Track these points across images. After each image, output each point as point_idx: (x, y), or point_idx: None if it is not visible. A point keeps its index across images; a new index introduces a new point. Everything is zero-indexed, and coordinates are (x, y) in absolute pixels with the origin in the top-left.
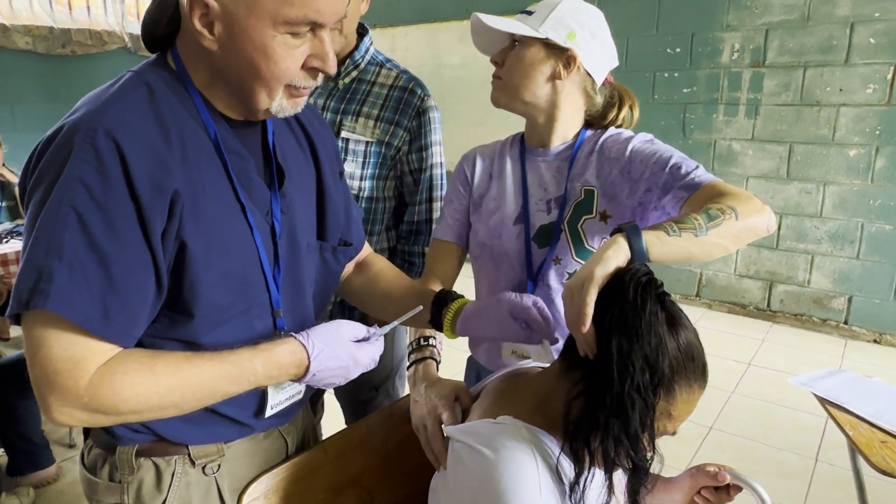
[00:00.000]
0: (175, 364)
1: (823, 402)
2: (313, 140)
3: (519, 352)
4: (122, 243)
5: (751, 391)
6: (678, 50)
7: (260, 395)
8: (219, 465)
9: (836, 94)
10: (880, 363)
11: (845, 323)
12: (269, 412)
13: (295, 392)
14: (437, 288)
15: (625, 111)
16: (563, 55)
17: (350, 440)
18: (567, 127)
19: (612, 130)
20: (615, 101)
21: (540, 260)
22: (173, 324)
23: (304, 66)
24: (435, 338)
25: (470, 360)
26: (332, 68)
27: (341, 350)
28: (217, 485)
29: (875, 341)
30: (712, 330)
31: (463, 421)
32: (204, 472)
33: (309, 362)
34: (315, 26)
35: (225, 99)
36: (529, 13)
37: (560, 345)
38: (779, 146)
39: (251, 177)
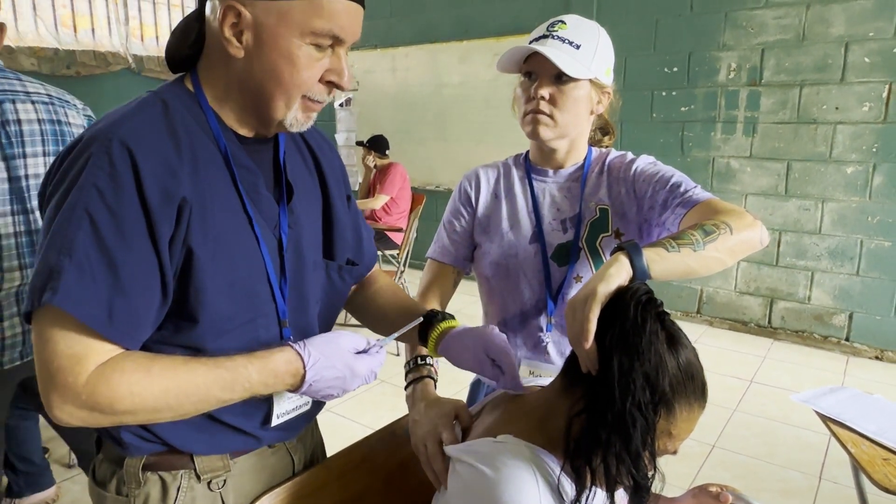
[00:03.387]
0: (172, 367)
1: (825, 419)
2: (321, 163)
3: (536, 371)
4: (130, 247)
5: (753, 409)
6: (676, 69)
7: (267, 405)
8: (224, 481)
9: (833, 111)
10: (882, 380)
11: (847, 339)
12: (275, 420)
13: (302, 403)
14: (433, 306)
15: (610, 135)
16: (601, 90)
17: (352, 459)
18: (579, 150)
19: (614, 151)
20: (609, 127)
21: (560, 278)
22: (179, 330)
23: (322, 80)
24: (432, 356)
25: (474, 384)
26: (348, 84)
27: (338, 360)
28: (222, 500)
29: (877, 358)
30: (713, 347)
31: (463, 440)
32: (209, 488)
33: (305, 371)
34: (336, 42)
35: (237, 114)
36: (575, 45)
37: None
38: (777, 163)
39: (260, 190)
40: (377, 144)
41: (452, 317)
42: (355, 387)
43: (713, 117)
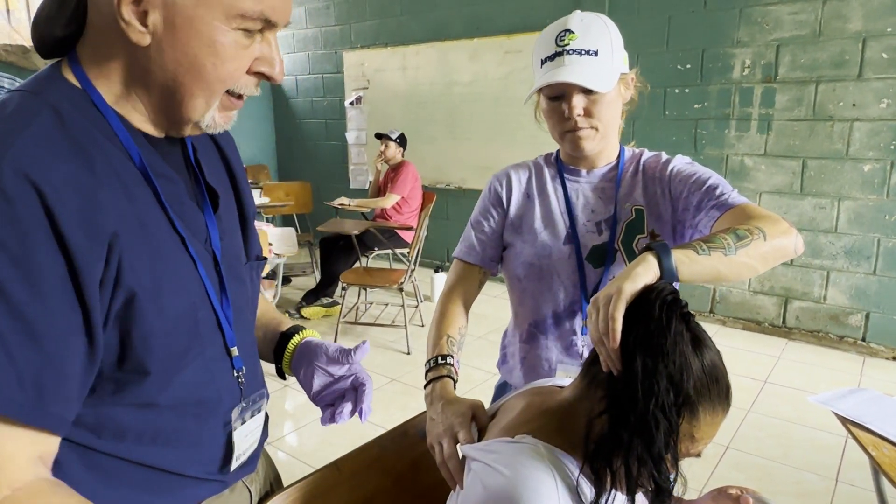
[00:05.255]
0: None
1: (845, 421)
2: (227, 154)
3: (571, 375)
4: (51, 308)
5: (768, 409)
6: (689, 66)
7: (224, 447)
8: None
9: (850, 108)
10: None
11: (863, 340)
12: (234, 464)
13: (254, 439)
14: (456, 307)
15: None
16: (624, 79)
17: (364, 459)
18: (612, 146)
19: (648, 151)
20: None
21: (595, 280)
22: (121, 387)
23: (250, 71)
24: (452, 356)
25: (500, 387)
26: (280, 75)
27: None
28: None
29: (894, 358)
30: (727, 347)
31: (480, 440)
32: None
33: None
34: (267, 26)
35: (144, 112)
36: (593, 52)
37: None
38: (792, 161)
39: (183, 201)
40: (404, 140)
41: (302, 330)
42: None
43: (727, 114)
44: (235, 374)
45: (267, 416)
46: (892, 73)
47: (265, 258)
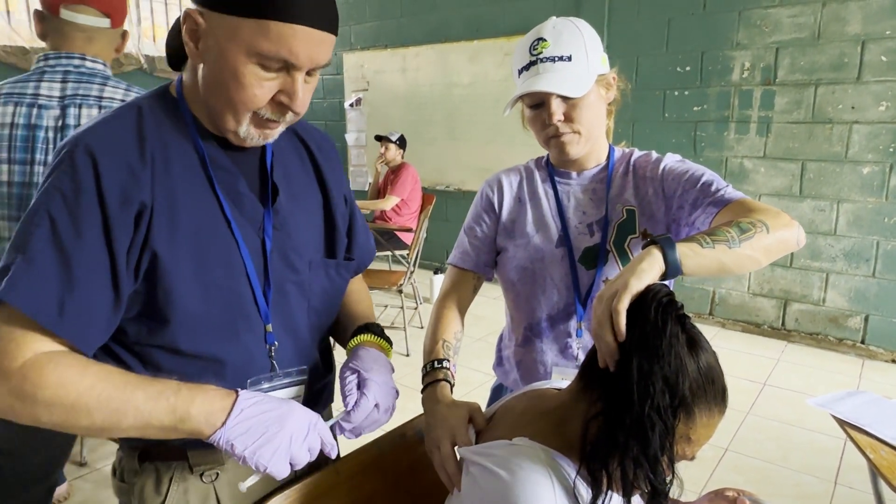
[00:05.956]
0: (107, 370)
1: (843, 423)
2: (319, 162)
3: (567, 377)
4: (85, 247)
5: (767, 412)
6: (688, 68)
7: None
8: (217, 474)
9: (849, 111)
10: None
11: (862, 342)
12: None
13: (296, 396)
14: (451, 312)
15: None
16: (604, 81)
17: (362, 461)
18: (601, 147)
19: (638, 151)
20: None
21: (588, 282)
22: (152, 331)
23: (273, 100)
24: (449, 360)
25: (496, 389)
26: (298, 107)
27: (274, 411)
28: (216, 493)
29: (893, 361)
30: (726, 349)
31: (477, 442)
32: (202, 479)
33: (234, 403)
34: (288, 66)
35: (209, 117)
36: (566, 58)
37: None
38: (791, 164)
39: (240, 191)
40: (404, 142)
41: (376, 331)
42: (279, 454)
43: (726, 117)
44: (267, 347)
45: (323, 397)
46: (890, 76)
47: (350, 258)
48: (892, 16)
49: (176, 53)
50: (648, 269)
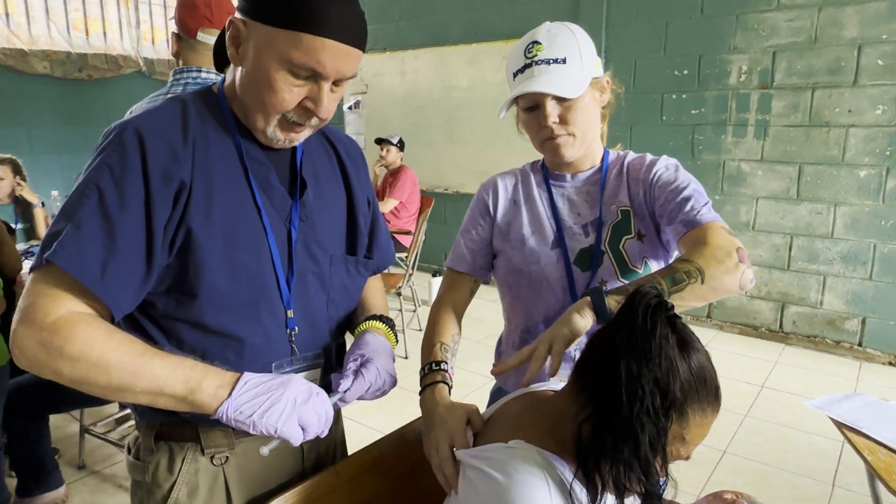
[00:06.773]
0: (131, 338)
1: (840, 426)
2: (346, 165)
3: (564, 380)
4: (128, 217)
5: (764, 414)
6: (686, 72)
7: None
8: (227, 457)
9: (846, 114)
10: None
11: (859, 345)
12: None
13: (312, 379)
14: (448, 316)
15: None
16: (598, 84)
17: (362, 463)
18: (595, 150)
19: (632, 153)
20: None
21: (584, 284)
22: (180, 304)
23: (300, 105)
24: (446, 362)
25: (495, 391)
26: (324, 114)
27: (275, 382)
28: (224, 476)
29: (890, 363)
30: (724, 352)
31: (475, 444)
32: (212, 462)
33: (239, 377)
34: (316, 75)
35: (245, 115)
36: (561, 60)
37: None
38: (788, 167)
39: (272, 183)
40: (402, 145)
41: (383, 321)
42: (286, 415)
43: (724, 120)
44: (287, 332)
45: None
46: (887, 80)
47: (369, 258)
48: (889, 20)
49: (222, 58)
50: (580, 320)
